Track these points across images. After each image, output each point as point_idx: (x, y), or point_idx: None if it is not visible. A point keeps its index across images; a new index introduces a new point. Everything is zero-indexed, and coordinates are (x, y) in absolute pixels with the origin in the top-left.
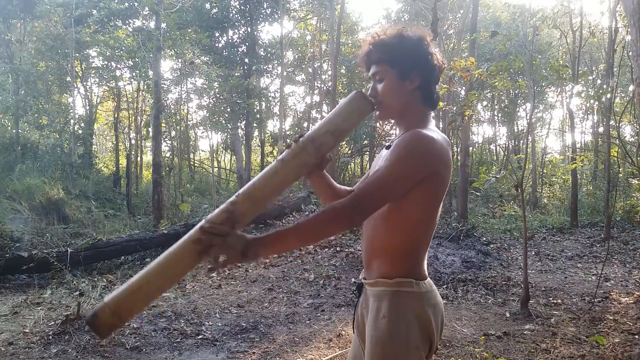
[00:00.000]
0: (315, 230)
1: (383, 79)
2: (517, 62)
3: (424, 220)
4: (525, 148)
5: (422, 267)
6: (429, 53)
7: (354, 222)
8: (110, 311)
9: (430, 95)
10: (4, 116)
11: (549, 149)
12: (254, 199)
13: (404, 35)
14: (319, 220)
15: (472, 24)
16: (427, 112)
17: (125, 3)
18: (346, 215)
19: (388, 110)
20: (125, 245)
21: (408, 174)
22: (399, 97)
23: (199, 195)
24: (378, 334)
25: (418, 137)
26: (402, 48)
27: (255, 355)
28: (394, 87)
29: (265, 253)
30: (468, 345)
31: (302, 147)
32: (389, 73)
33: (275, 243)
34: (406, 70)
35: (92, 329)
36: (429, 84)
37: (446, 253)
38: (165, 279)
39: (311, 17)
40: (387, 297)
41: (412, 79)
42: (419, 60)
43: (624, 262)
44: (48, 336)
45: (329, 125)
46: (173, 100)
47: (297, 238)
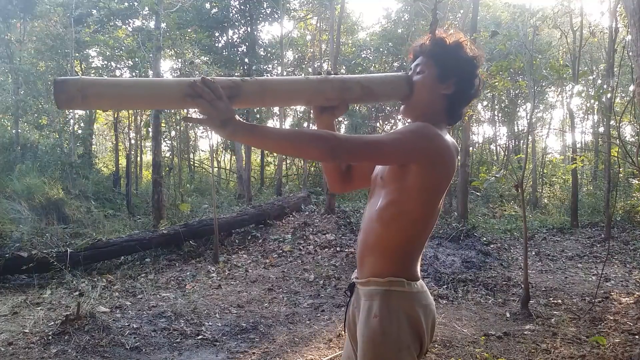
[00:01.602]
0: (298, 141)
1: (423, 72)
2: (517, 62)
3: (420, 220)
4: (526, 148)
5: (415, 268)
6: (474, 74)
7: (336, 153)
8: (80, 85)
9: (456, 109)
10: (4, 116)
11: (549, 149)
12: (263, 89)
13: (463, 46)
14: (304, 134)
15: (472, 24)
16: (446, 123)
17: (125, 3)
18: (331, 142)
19: (414, 104)
20: (125, 245)
21: (403, 142)
22: (429, 95)
23: (199, 195)
24: (369, 333)
25: (424, 125)
26: (454, 55)
27: (255, 356)
28: (429, 83)
29: (242, 137)
30: (468, 345)
31: (330, 79)
32: (431, 69)
33: (255, 134)
34: (447, 75)
35: (55, 92)
36: (460, 98)
37: (446, 253)
38: (146, 95)
39: (311, 17)
40: (379, 296)
41: (447, 85)
42: (463, 74)
43: (624, 262)
44: (48, 336)
45: (364, 80)
46: None
47: (278, 142)
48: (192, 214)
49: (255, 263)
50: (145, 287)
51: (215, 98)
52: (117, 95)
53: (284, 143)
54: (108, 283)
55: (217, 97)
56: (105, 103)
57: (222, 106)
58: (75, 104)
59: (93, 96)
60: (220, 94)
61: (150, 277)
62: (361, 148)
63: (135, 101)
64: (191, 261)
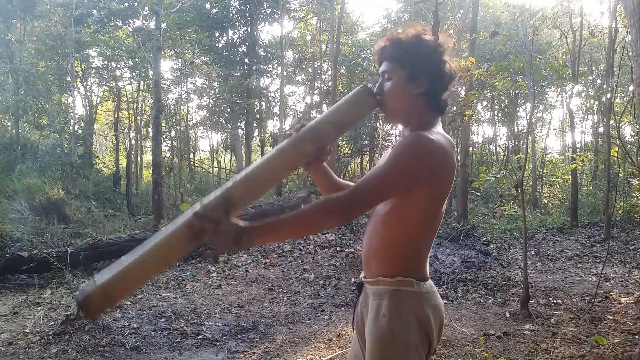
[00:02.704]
0: (310, 222)
1: (391, 78)
2: (517, 62)
3: (424, 222)
4: (525, 148)
5: (424, 268)
6: (442, 61)
7: (348, 216)
8: (102, 292)
9: (437, 101)
10: (4, 116)
11: (549, 149)
12: (250, 185)
13: (422, 38)
14: (313, 212)
15: (472, 24)
16: (434, 116)
17: (125, 3)
18: (341, 208)
19: (392, 111)
20: (125, 245)
21: (404, 173)
22: (404, 99)
23: (199, 195)
24: (378, 332)
25: (417, 138)
26: (416, 51)
27: (255, 355)
28: (400, 88)
29: (258, 242)
30: (468, 345)
31: (302, 137)
32: (398, 73)
33: (269, 232)
34: (415, 74)
35: (83, 310)
36: (436, 90)
37: (446, 253)
38: (158, 262)
39: (311, 17)
40: (387, 295)
41: (419, 83)
42: (431, 66)
43: (624, 262)
44: (48, 336)
45: (331, 117)
46: (173, 100)
47: (291, 229)
48: None
49: (255, 263)
50: (145, 287)
51: (215, 225)
52: (135, 278)
53: (299, 228)
54: None
55: (216, 223)
56: (129, 290)
57: (225, 228)
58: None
59: (117, 293)
60: (217, 218)
61: None
62: (368, 199)
63: (153, 271)
64: (191, 261)
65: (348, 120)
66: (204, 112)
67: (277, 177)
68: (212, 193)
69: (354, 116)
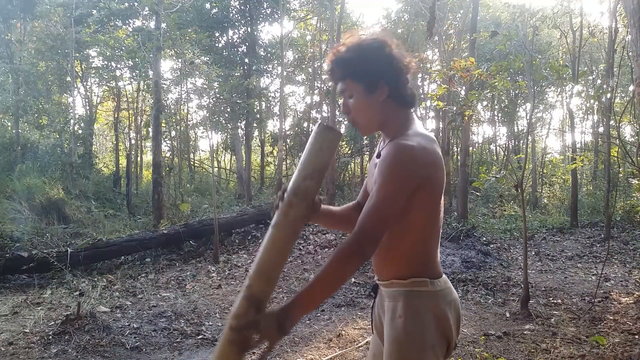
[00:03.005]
0: (335, 277)
1: (352, 95)
2: (517, 62)
3: (428, 223)
4: (525, 148)
5: (436, 265)
6: (392, 58)
7: (367, 254)
8: None
9: (404, 97)
10: (4, 116)
11: (549, 149)
12: (266, 274)
13: (363, 45)
14: (335, 262)
15: (472, 24)
16: (407, 112)
17: (125, 3)
18: (357, 252)
19: (366, 125)
20: (125, 245)
21: (400, 191)
22: (372, 111)
23: (199, 195)
24: (395, 333)
25: (399, 151)
26: (363, 60)
27: (255, 355)
28: (364, 102)
29: (299, 317)
30: (468, 345)
31: (289, 204)
32: (356, 89)
33: (305, 306)
34: (372, 83)
35: None
36: (399, 88)
37: (446, 253)
38: None
39: (311, 17)
40: (402, 297)
41: (380, 90)
42: (383, 69)
43: (624, 262)
44: (48, 336)
45: (305, 170)
46: (173, 100)
47: (323, 290)
48: (192, 214)
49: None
50: (145, 287)
51: (255, 328)
52: None
53: (329, 287)
54: (108, 283)
55: (255, 326)
56: None
57: (266, 325)
58: None
59: None
60: (253, 321)
61: (150, 277)
62: (377, 232)
63: None
64: (191, 261)
65: (322, 165)
66: (204, 112)
67: (286, 252)
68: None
69: (325, 158)
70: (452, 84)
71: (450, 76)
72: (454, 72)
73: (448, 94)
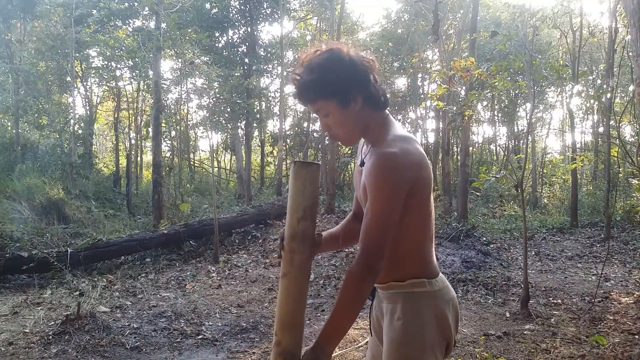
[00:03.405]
0: (352, 303)
1: (328, 114)
2: (517, 62)
3: (422, 224)
4: (525, 148)
5: (432, 264)
6: (354, 65)
7: (378, 270)
8: None
9: (378, 100)
10: (4, 116)
11: (549, 149)
12: (291, 325)
13: (322, 62)
14: (351, 294)
15: (472, 24)
16: (384, 115)
17: (125, 3)
18: (368, 271)
19: (348, 138)
20: (125, 245)
21: (393, 201)
22: (352, 123)
23: (199, 195)
24: (394, 335)
25: (384, 161)
26: (328, 78)
27: (255, 355)
28: (341, 117)
29: (332, 352)
30: (468, 345)
31: (291, 250)
32: (330, 107)
33: (335, 339)
34: (345, 97)
35: None
36: (371, 93)
37: (446, 253)
38: None
39: (311, 17)
40: (401, 298)
41: (354, 101)
42: (351, 79)
43: (624, 262)
44: (48, 336)
45: (297, 212)
46: (173, 100)
47: (346, 320)
48: (192, 214)
49: (255, 263)
50: (145, 287)
51: None
52: None
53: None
54: (108, 283)
55: None
56: None
57: None
58: None
59: None
60: None
61: (150, 277)
62: (383, 243)
63: None
64: (191, 261)
65: (311, 202)
66: (204, 112)
67: (303, 297)
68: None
69: (312, 193)
70: (452, 84)
71: (450, 76)
72: (454, 72)
73: (448, 94)
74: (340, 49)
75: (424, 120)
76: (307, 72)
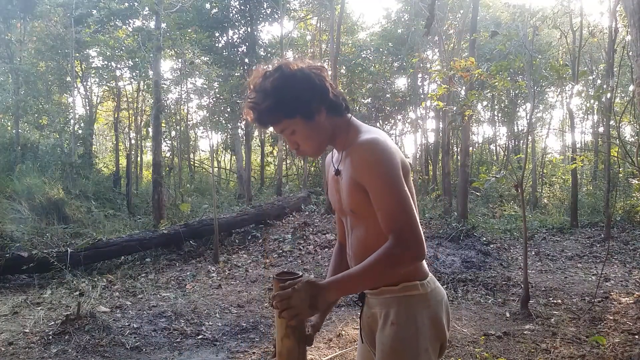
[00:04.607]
0: (378, 276)
1: (295, 131)
2: (517, 62)
3: None
4: (525, 148)
5: (423, 265)
6: (309, 77)
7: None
8: None
9: (339, 106)
10: (4, 116)
11: (549, 149)
12: None
13: (276, 82)
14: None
15: (472, 24)
16: (348, 118)
17: (125, 3)
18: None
19: (318, 149)
20: (125, 245)
21: (398, 177)
22: (319, 134)
23: (199, 195)
24: (388, 340)
25: (370, 146)
26: (286, 97)
27: (255, 355)
28: (308, 131)
29: (332, 299)
30: (468, 345)
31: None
32: (295, 123)
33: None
34: (308, 111)
35: None
36: (331, 101)
37: (446, 253)
38: None
39: (311, 17)
40: (395, 303)
41: (318, 111)
42: (309, 93)
43: (624, 262)
44: (48, 336)
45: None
46: (173, 100)
47: (363, 285)
48: (192, 214)
49: (255, 263)
50: (145, 287)
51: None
52: None
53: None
54: (108, 283)
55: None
56: None
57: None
58: None
59: None
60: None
61: (150, 277)
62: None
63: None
64: (191, 261)
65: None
66: (204, 112)
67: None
68: None
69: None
70: (452, 84)
71: (450, 76)
72: (454, 72)
73: (448, 94)
74: (288, 64)
75: (424, 120)
76: (262, 98)
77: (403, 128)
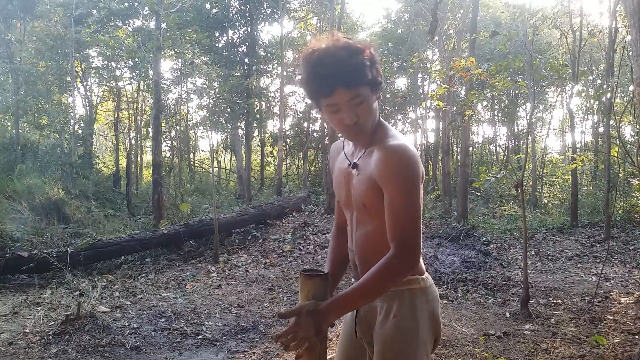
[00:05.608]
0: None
1: (362, 102)
2: (517, 62)
3: None
4: (525, 148)
5: (421, 262)
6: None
7: (416, 262)
8: None
9: None
10: (4, 116)
11: (549, 149)
12: None
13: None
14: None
15: (472, 24)
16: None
17: (125, 3)
18: (406, 270)
19: (369, 130)
20: (125, 245)
21: (417, 190)
22: (375, 114)
23: (199, 195)
24: (390, 333)
25: (401, 152)
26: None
27: (255, 355)
28: (372, 106)
29: (337, 318)
30: (468, 345)
31: None
32: (365, 93)
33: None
34: (379, 85)
35: None
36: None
37: (446, 253)
38: None
39: (311, 17)
40: (398, 297)
41: (379, 93)
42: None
43: (624, 262)
44: (48, 336)
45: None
46: (173, 100)
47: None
48: (192, 214)
49: (255, 263)
50: (145, 287)
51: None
52: None
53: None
54: (108, 283)
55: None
56: None
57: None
58: None
59: None
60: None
61: (150, 277)
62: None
63: None
64: (191, 261)
65: None
66: (204, 112)
67: None
68: None
69: None
70: (452, 84)
71: (450, 76)
72: (454, 72)
73: (448, 94)
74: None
75: (424, 120)
76: (348, 54)
77: (403, 128)
